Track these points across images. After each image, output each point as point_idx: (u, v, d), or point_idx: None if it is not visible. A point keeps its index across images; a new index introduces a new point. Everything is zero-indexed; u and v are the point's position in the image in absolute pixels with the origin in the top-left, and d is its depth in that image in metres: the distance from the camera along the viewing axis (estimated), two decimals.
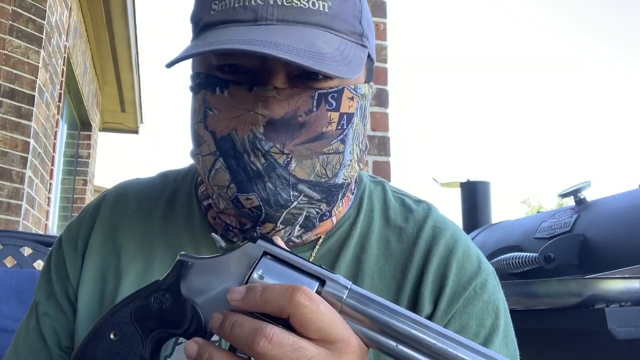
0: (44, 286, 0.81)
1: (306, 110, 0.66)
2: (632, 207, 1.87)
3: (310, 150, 0.67)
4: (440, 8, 70.46)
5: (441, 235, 0.76)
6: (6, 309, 1.29)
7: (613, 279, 1.56)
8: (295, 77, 0.67)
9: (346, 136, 0.70)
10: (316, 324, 0.48)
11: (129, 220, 0.80)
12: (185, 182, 0.84)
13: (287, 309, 0.48)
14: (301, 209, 0.69)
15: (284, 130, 0.66)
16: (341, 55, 0.64)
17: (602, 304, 1.54)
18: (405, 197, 0.83)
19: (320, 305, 0.48)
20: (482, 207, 3.12)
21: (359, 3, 0.71)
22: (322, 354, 0.48)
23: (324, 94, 0.67)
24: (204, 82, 0.69)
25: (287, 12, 0.64)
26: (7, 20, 3.16)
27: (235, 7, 0.65)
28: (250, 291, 0.50)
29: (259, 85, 0.66)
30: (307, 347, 0.47)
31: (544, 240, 2.01)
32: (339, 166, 0.70)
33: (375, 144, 2.45)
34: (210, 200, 0.76)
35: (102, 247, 0.79)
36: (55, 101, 3.84)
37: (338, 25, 0.67)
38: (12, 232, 1.66)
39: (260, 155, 0.66)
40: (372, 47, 0.75)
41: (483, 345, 0.71)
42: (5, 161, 3.09)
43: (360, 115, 0.73)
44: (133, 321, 0.55)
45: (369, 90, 0.75)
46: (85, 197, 5.70)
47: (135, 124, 7.04)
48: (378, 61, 2.53)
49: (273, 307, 0.48)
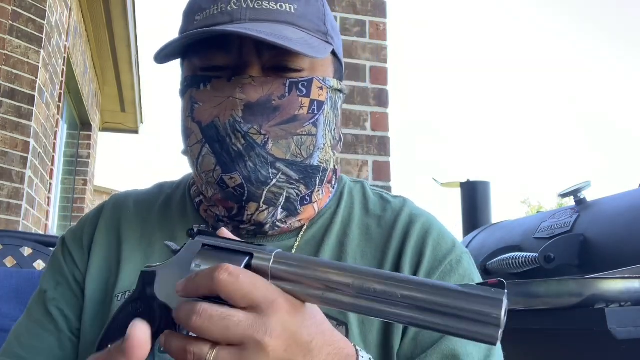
0: (51, 277, 0.86)
1: (279, 95, 0.75)
2: (632, 207, 1.87)
3: (285, 131, 0.75)
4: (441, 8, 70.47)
5: (417, 220, 0.83)
6: (6, 309, 1.29)
7: (613, 279, 1.56)
8: (268, 69, 0.75)
9: (317, 120, 0.78)
10: (239, 292, 0.52)
11: (130, 219, 0.87)
12: (179, 188, 0.92)
13: (213, 287, 0.53)
14: (281, 189, 0.76)
15: (260, 113, 0.74)
16: (306, 43, 0.73)
17: (602, 304, 1.54)
18: (383, 193, 0.90)
19: (239, 275, 0.53)
20: (482, 207, 3.12)
21: (323, 8, 0.81)
22: (250, 316, 0.52)
23: (295, 82, 0.76)
24: (190, 82, 0.79)
25: (258, 13, 0.74)
26: (7, 20, 3.16)
27: (214, 14, 0.75)
28: (187, 281, 0.56)
29: (236, 75, 0.75)
30: (235, 314, 0.52)
31: (544, 240, 2.01)
32: (312, 147, 0.77)
33: (375, 144, 2.45)
34: (201, 196, 0.84)
35: (106, 239, 0.86)
36: (55, 101, 3.84)
37: (303, 24, 0.77)
38: (12, 232, 1.66)
39: (240, 137, 0.74)
40: (339, 48, 0.85)
41: None
42: (5, 161, 3.10)
43: (331, 105, 0.80)
44: (119, 330, 0.60)
45: (338, 85, 0.82)
46: (85, 197, 5.70)
47: (135, 124, 7.05)
48: (378, 61, 2.53)
49: (205, 289, 0.54)
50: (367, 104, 2.48)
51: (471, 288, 0.50)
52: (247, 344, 0.51)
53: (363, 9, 2.57)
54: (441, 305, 0.50)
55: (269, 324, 0.52)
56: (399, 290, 0.51)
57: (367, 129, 2.46)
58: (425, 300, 0.50)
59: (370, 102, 2.49)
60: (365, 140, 2.45)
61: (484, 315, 0.48)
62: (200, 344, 0.52)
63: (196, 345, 0.52)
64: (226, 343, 0.52)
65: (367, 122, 2.47)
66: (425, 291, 0.51)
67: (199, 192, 0.84)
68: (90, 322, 0.80)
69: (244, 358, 0.51)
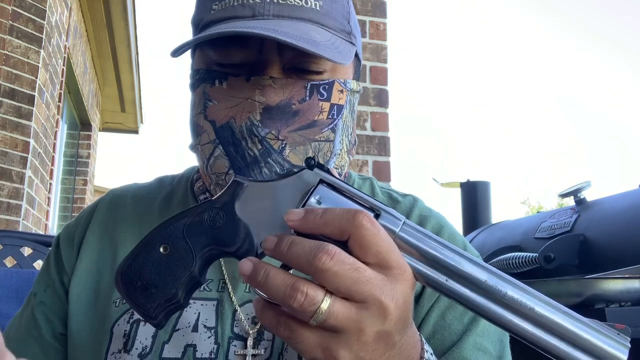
0: (42, 279, 0.84)
1: (299, 99, 0.71)
2: (632, 207, 1.87)
3: (303, 137, 0.71)
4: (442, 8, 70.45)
5: (427, 222, 0.79)
6: (6, 309, 1.29)
7: (613, 279, 1.56)
8: (289, 69, 0.71)
9: (336, 126, 0.74)
10: (376, 247, 0.48)
11: (127, 217, 0.83)
12: (181, 183, 0.87)
13: (349, 229, 0.48)
14: None
15: (279, 117, 0.70)
16: (332, 45, 0.69)
17: (602, 304, 1.54)
18: (392, 192, 0.86)
19: (380, 229, 0.49)
20: (482, 207, 3.12)
21: (347, 5, 0.77)
22: (379, 277, 0.48)
23: (316, 85, 0.72)
24: (204, 76, 0.73)
25: (282, 8, 0.69)
26: (7, 20, 3.16)
27: (234, 5, 0.70)
28: (310, 213, 0.50)
29: (256, 75, 0.70)
30: (366, 268, 0.48)
31: (544, 240, 2.01)
32: (329, 154, 0.74)
33: (375, 144, 2.45)
34: (207, 194, 0.80)
35: (98, 242, 0.81)
36: (55, 101, 3.84)
37: (328, 22, 0.72)
38: (12, 232, 1.66)
39: (257, 141, 0.70)
40: (359, 47, 0.80)
41: (470, 325, 0.72)
42: (5, 161, 3.09)
43: (349, 109, 0.77)
44: (185, 236, 0.54)
45: (357, 87, 0.79)
46: (85, 197, 5.70)
47: (135, 124, 7.04)
48: (378, 61, 2.53)
49: (334, 227, 0.49)
50: (367, 104, 2.48)
51: (599, 325, 0.48)
52: (369, 304, 0.47)
53: (363, 9, 2.57)
54: (569, 332, 0.48)
55: (396, 290, 0.48)
56: (531, 303, 0.49)
57: (367, 129, 2.46)
58: (554, 322, 0.48)
59: (370, 102, 2.49)
60: (365, 140, 2.45)
61: (609, 356, 0.47)
62: (316, 287, 0.47)
63: (311, 287, 0.47)
64: (346, 297, 0.47)
65: (367, 122, 2.47)
66: (557, 313, 0.48)
67: (205, 189, 0.81)
68: (78, 327, 0.77)
69: (360, 317, 0.47)
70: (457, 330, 0.72)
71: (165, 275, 0.53)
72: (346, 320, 0.47)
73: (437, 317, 0.73)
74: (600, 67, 62.93)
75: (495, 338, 0.73)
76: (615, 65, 61.52)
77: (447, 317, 0.73)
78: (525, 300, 0.49)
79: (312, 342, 0.48)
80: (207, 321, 0.72)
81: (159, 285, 0.53)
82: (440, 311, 0.73)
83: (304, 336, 0.48)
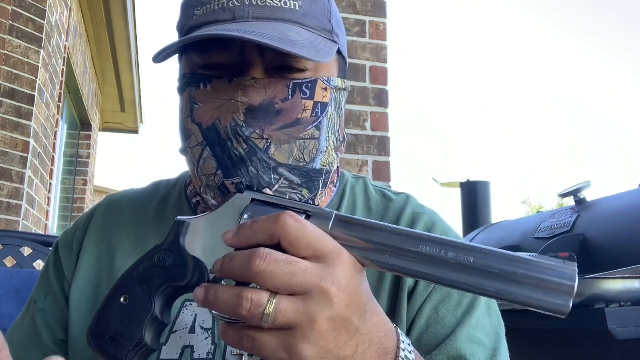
0: (42, 286, 0.85)
1: (282, 98, 0.72)
2: (631, 207, 1.87)
3: (287, 136, 0.73)
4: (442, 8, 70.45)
5: (420, 218, 0.81)
6: (6, 309, 1.29)
7: (613, 279, 1.56)
8: (271, 70, 0.73)
9: (321, 123, 0.75)
10: (305, 240, 0.50)
11: (123, 222, 0.85)
12: (176, 187, 0.89)
13: (276, 231, 0.50)
14: (283, 194, 0.73)
15: (263, 116, 0.71)
16: (311, 45, 0.70)
17: (602, 304, 1.54)
18: (385, 190, 0.88)
19: (306, 223, 0.51)
20: (482, 207, 3.12)
21: (328, 5, 0.78)
22: (316, 266, 0.50)
23: (298, 84, 0.73)
24: (189, 80, 0.75)
25: (261, 10, 0.71)
26: (7, 20, 3.16)
27: (215, 10, 0.72)
28: (241, 227, 0.53)
29: (238, 77, 0.72)
30: (301, 261, 0.50)
31: (544, 240, 2.01)
32: (315, 151, 0.75)
33: (375, 144, 2.45)
34: (199, 197, 0.81)
35: (96, 247, 0.83)
36: (55, 101, 3.84)
37: (308, 22, 0.74)
38: (12, 232, 1.66)
39: (242, 141, 0.71)
40: (344, 46, 0.81)
41: (463, 318, 0.72)
42: (5, 161, 3.09)
43: (335, 106, 0.78)
44: (140, 283, 0.57)
45: (342, 84, 0.80)
46: (85, 197, 5.70)
47: (135, 124, 7.04)
48: (378, 61, 2.53)
49: (263, 234, 0.51)
50: (367, 104, 2.48)
51: (546, 259, 0.50)
52: (312, 293, 0.49)
53: (363, 9, 2.57)
54: (516, 275, 0.49)
55: (335, 274, 0.50)
56: (472, 257, 0.51)
57: (367, 129, 2.46)
58: (500, 269, 0.50)
59: (370, 102, 2.49)
60: (365, 140, 2.44)
61: (559, 286, 0.48)
62: (259, 291, 0.49)
63: (254, 293, 0.49)
64: (288, 292, 0.49)
65: (367, 122, 2.47)
66: (500, 259, 0.50)
67: (196, 192, 0.82)
68: (78, 332, 0.78)
69: (307, 308, 0.48)
70: (451, 324, 0.72)
71: (128, 322, 0.56)
72: (294, 313, 0.49)
73: (430, 311, 0.74)
74: (601, 67, 62.93)
75: (490, 330, 0.74)
76: (616, 65, 61.52)
77: (441, 311, 0.74)
78: (465, 256, 0.51)
79: (273, 344, 0.49)
80: (204, 323, 0.74)
81: (125, 333, 0.56)
82: (433, 305, 0.74)
83: (265, 341, 0.50)
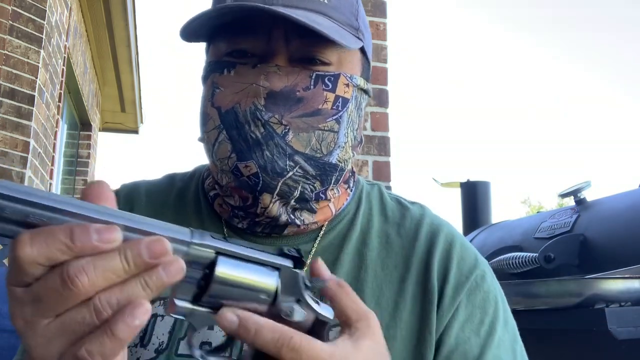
0: None
1: (304, 87, 0.73)
2: (631, 207, 1.87)
3: (306, 124, 0.73)
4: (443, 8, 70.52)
5: (440, 231, 0.81)
6: (6, 308, 1.29)
7: (613, 279, 1.57)
8: (295, 60, 0.74)
9: (341, 117, 0.76)
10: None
11: (142, 211, 0.82)
12: (192, 180, 0.89)
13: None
14: (297, 182, 0.74)
15: (283, 102, 0.72)
16: (337, 32, 0.72)
17: (602, 304, 1.54)
18: (400, 198, 0.88)
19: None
20: (482, 207, 3.13)
21: (356, 4, 0.80)
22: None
23: (321, 76, 0.74)
24: (214, 67, 0.77)
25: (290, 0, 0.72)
26: (7, 20, 3.16)
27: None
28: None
29: (262, 63, 0.73)
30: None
31: (544, 240, 2.02)
32: (333, 144, 0.75)
33: (375, 144, 2.45)
34: (216, 189, 0.81)
35: None
36: (55, 101, 3.84)
37: (336, 16, 0.75)
38: None
39: (260, 125, 0.72)
40: (369, 47, 0.83)
41: (487, 339, 0.74)
42: (5, 161, 3.09)
43: (355, 104, 0.78)
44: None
45: (364, 84, 0.81)
46: None
47: (135, 124, 7.04)
48: (378, 61, 2.53)
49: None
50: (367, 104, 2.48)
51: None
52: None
53: None
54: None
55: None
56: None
57: (367, 129, 2.46)
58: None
59: (370, 102, 2.49)
60: (365, 140, 2.45)
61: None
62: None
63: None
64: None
65: (367, 122, 2.47)
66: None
67: (214, 184, 0.82)
68: None
69: None
70: (476, 344, 0.74)
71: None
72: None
73: (458, 329, 0.75)
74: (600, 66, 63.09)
75: (508, 346, 0.76)
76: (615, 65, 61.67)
77: (466, 330, 0.75)
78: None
79: None
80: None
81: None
82: (459, 324, 0.75)
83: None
